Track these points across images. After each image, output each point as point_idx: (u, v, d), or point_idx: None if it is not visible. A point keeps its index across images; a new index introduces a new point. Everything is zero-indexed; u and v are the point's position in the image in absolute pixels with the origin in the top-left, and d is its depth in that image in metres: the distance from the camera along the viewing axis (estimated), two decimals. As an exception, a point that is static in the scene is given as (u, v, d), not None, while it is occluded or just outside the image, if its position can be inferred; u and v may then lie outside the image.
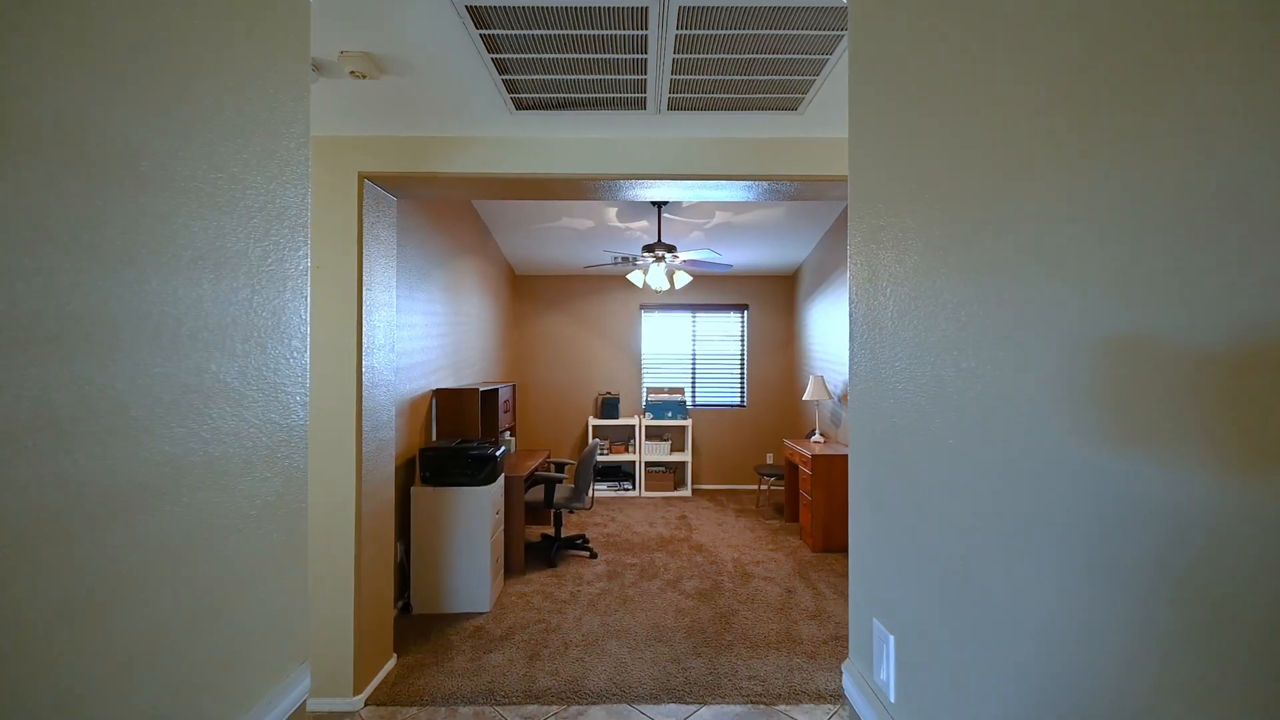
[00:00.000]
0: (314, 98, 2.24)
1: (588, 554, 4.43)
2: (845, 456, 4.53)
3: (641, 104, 2.23)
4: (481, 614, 3.42)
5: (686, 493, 6.47)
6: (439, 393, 4.01)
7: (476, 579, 3.44)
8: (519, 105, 2.25)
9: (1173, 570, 0.47)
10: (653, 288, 4.89)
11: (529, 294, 6.92)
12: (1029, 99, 0.65)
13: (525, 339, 6.91)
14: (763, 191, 2.76)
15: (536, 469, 4.56)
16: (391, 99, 2.21)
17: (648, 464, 6.55)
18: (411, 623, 3.32)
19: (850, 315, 1.25)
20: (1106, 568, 0.54)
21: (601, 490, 6.44)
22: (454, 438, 3.99)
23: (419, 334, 3.81)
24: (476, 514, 3.43)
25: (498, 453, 3.60)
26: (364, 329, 2.56)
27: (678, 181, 2.63)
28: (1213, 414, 0.44)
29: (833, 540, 4.50)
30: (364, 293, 2.56)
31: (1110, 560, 0.54)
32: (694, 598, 3.65)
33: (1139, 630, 0.51)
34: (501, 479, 3.79)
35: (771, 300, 6.94)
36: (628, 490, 6.45)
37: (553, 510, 4.29)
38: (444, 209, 4.23)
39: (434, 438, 4.03)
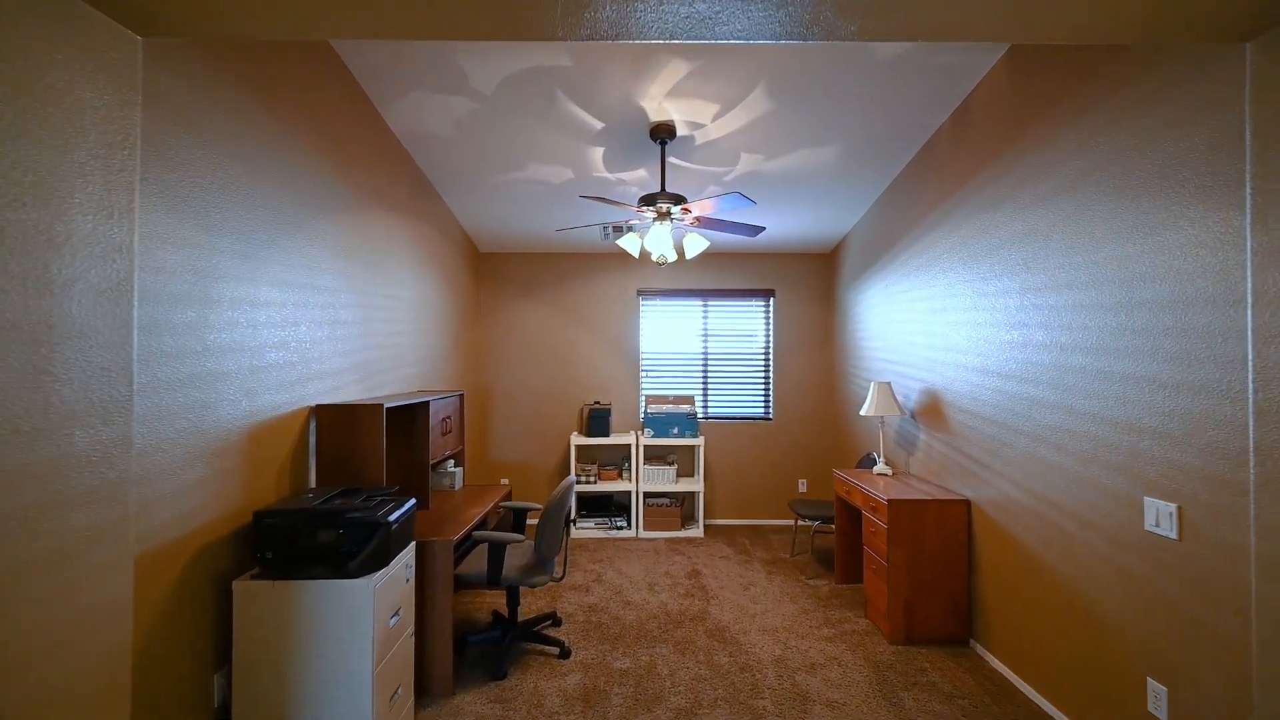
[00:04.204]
0: None
1: (556, 651, 2.98)
2: (939, 502, 3.08)
3: None
4: (357, 800, 1.98)
5: (697, 531, 5.02)
6: (321, 411, 2.57)
7: (351, 736, 1.99)
8: None
9: None
10: (653, 258, 3.46)
11: (496, 277, 5.47)
12: None
13: (492, 335, 5.47)
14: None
15: (481, 520, 3.12)
16: None
17: (647, 495, 5.10)
18: (226, 826, 1.88)
19: None
20: None
21: (587, 529, 4.99)
22: (346, 482, 2.55)
23: (279, 319, 2.37)
24: (352, 624, 1.99)
25: (396, 513, 2.16)
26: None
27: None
28: None
29: (919, 627, 3.05)
30: (-2, 208, 1.12)
31: None
32: (721, 751, 2.20)
33: None
34: (410, 552, 2.35)
35: (804, 285, 5.49)
36: (621, 529, 5.00)
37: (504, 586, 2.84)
38: (335, 125, 2.79)
39: (313, 482, 2.59)
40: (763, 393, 5.51)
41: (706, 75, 2.86)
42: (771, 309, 5.49)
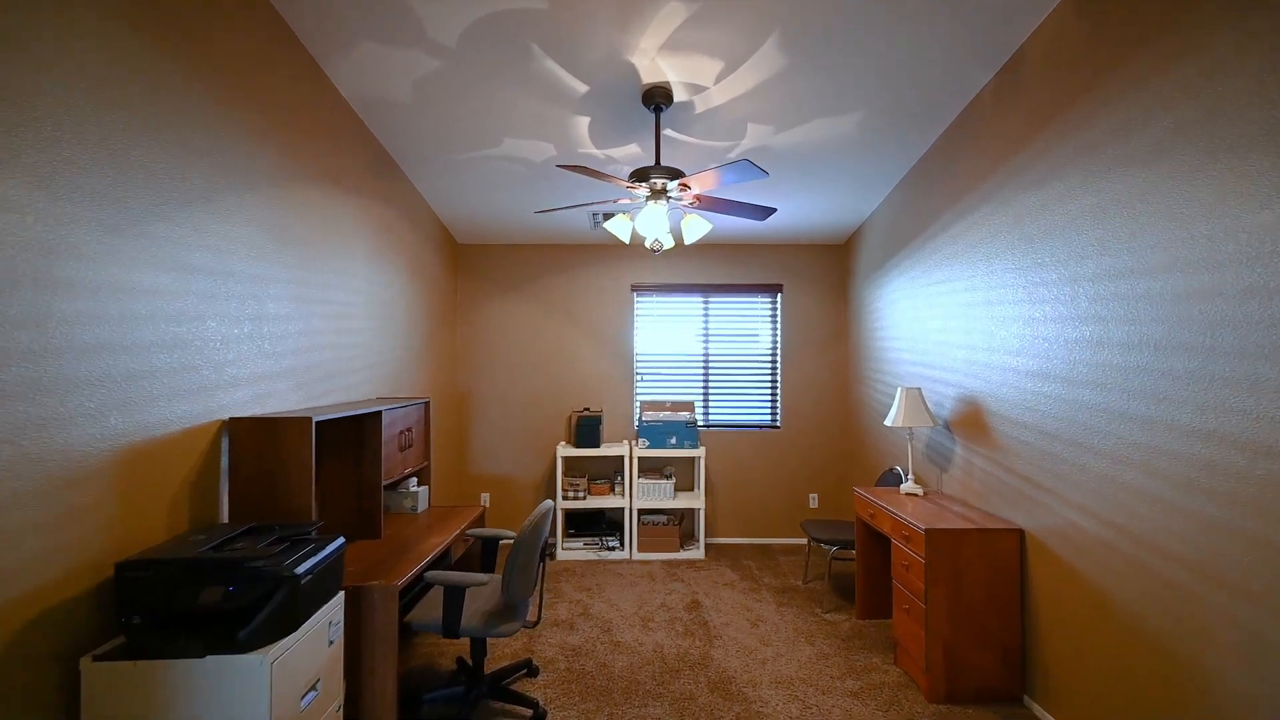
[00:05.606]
0: None
1: (529, 713, 2.48)
2: (985, 532, 2.58)
3: None
4: None
5: (697, 553, 4.52)
6: (235, 426, 2.08)
7: None
8: None
9: None
10: (647, 244, 2.98)
11: (476, 271, 4.98)
12: None
13: (471, 335, 4.98)
14: None
15: (441, 553, 2.63)
16: None
17: (642, 512, 4.61)
18: None
19: None
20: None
21: (575, 550, 4.50)
22: (267, 515, 2.06)
23: (174, 311, 1.88)
24: (241, 714, 1.50)
25: (310, 561, 1.67)
26: None
27: None
28: None
29: (962, 680, 2.56)
30: None
31: None
32: None
33: None
34: (336, 605, 1.86)
35: (814, 279, 5.00)
36: (613, 550, 4.50)
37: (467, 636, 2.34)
38: (260, 80, 2.29)
39: (225, 516, 2.10)
40: (769, 399, 5.02)
41: (708, 21, 2.37)
42: (779, 306, 5.00)
